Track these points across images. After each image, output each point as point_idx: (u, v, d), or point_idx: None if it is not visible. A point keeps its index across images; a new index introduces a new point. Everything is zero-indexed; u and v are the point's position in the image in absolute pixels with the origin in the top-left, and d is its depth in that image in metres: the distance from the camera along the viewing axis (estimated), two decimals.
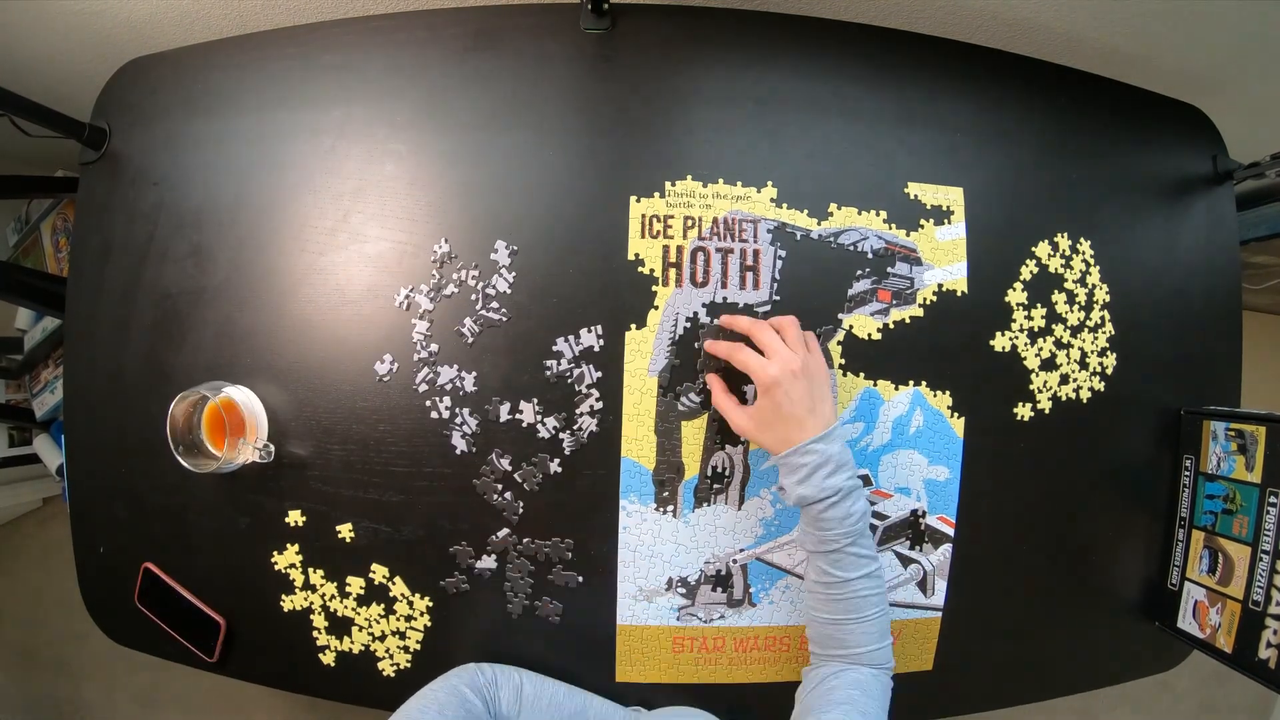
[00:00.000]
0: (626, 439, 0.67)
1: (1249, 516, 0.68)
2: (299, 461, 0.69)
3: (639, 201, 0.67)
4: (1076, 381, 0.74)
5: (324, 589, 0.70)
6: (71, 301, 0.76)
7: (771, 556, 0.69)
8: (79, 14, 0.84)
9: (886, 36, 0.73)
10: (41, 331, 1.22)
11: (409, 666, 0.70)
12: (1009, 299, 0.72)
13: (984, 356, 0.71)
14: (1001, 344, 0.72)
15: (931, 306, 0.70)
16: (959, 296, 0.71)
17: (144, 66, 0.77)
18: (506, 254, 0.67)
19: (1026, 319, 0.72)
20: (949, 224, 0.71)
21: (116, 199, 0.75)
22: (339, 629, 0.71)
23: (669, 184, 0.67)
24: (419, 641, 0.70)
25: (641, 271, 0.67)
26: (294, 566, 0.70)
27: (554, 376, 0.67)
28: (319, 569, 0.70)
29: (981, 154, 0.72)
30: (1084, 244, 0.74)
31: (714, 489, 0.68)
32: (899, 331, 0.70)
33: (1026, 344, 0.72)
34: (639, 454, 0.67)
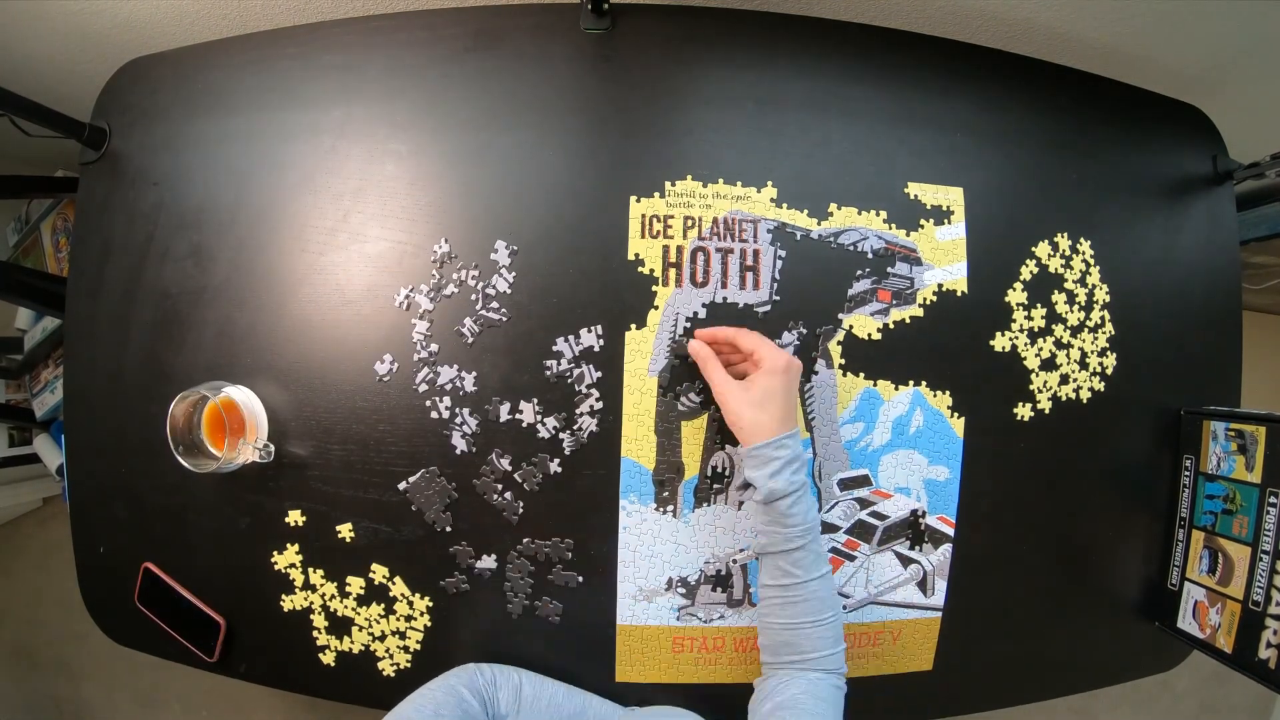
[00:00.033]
0: (626, 439, 0.67)
1: (1249, 516, 0.68)
2: (299, 461, 0.69)
3: (639, 201, 0.67)
4: (1076, 381, 0.74)
5: (324, 589, 0.70)
6: (71, 301, 0.76)
7: None
8: (79, 14, 0.84)
9: (886, 36, 0.73)
10: (41, 331, 1.22)
11: (409, 666, 0.70)
12: (1009, 299, 0.72)
13: (984, 356, 0.71)
14: (1001, 344, 0.72)
15: (931, 306, 0.70)
16: (959, 296, 0.71)
17: (144, 66, 0.77)
18: (506, 254, 0.67)
19: (1026, 319, 0.72)
20: (949, 224, 0.71)
21: (116, 199, 0.75)
22: (339, 629, 0.71)
23: (669, 184, 0.68)
24: (419, 641, 0.70)
25: (641, 271, 0.67)
26: (294, 566, 0.70)
27: (554, 376, 0.67)
28: (319, 569, 0.70)
29: (981, 154, 0.72)
30: (1084, 244, 0.74)
31: (714, 489, 0.68)
32: (899, 331, 0.70)
33: (1026, 344, 0.72)
34: (639, 454, 0.67)
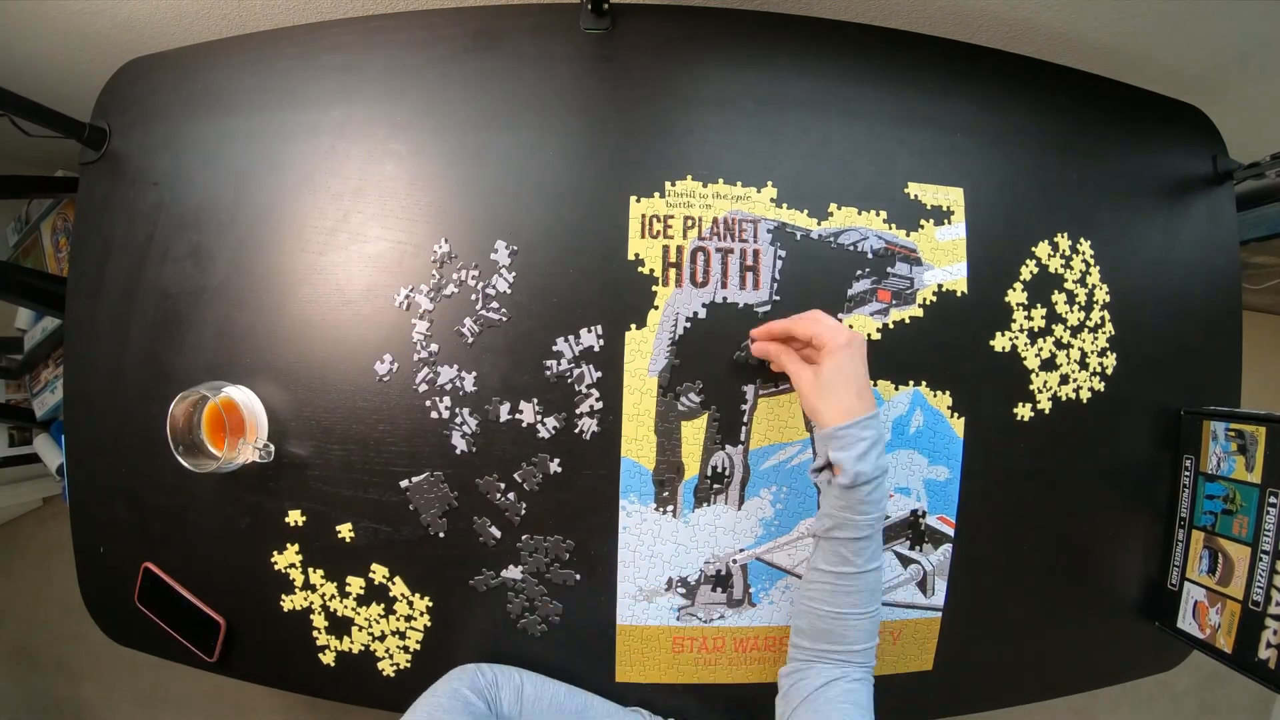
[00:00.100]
0: (626, 439, 0.67)
1: (1249, 517, 0.68)
2: (299, 461, 0.69)
3: (639, 201, 0.67)
4: (1076, 381, 0.74)
5: (324, 589, 0.70)
6: (71, 301, 0.76)
7: (771, 556, 0.69)
8: (79, 14, 0.84)
9: (886, 36, 0.73)
10: (41, 331, 1.22)
11: (409, 666, 0.70)
12: (1009, 299, 0.72)
13: (984, 356, 0.71)
14: (1001, 344, 0.72)
15: (931, 306, 0.70)
16: (959, 297, 0.71)
17: (144, 66, 0.77)
18: (506, 254, 0.67)
19: (1026, 319, 0.72)
20: (949, 224, 0.71)
21: (116, 199, 0.75)
22: (339, 629, 0.71)
23: (669, 184, 0.68)
24: (419, 641, 0.70)
25: (641, 271, 0.67)
26: (294, 566, 0.70)
27: (554, 376, 0.67)
28: (319, 569, 0.70)
29: (981, 154, 0.72)
30: (1084, 244, 0.74)
31: (714, 489, 0.68)
32: (899, 331, 0.70)
33: (1026, 344, 0.72)
34: (639, 454, 0.67)
